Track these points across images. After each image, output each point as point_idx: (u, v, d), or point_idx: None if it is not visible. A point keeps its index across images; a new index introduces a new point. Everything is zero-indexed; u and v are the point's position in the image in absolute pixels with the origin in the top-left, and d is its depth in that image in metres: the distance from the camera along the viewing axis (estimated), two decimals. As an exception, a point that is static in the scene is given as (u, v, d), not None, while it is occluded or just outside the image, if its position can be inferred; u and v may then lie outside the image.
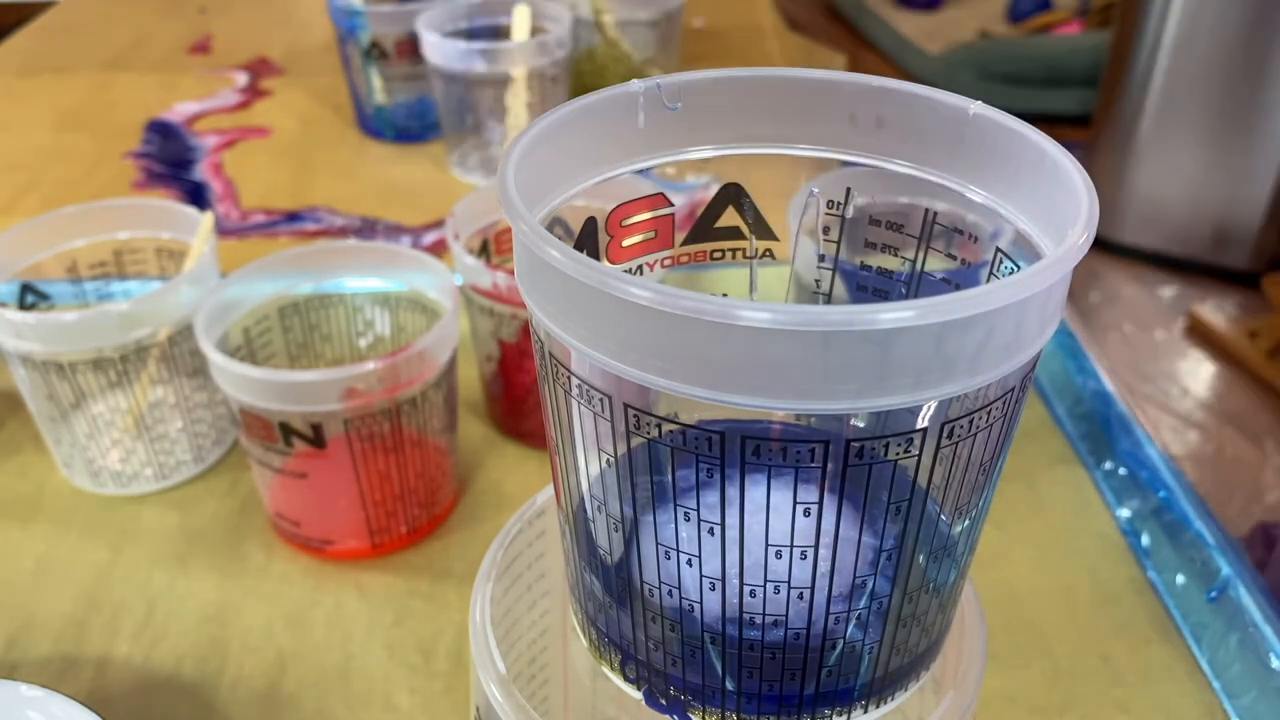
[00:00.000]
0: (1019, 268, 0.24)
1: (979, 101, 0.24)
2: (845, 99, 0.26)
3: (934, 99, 0.25)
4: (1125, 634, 0.41)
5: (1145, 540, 0.45)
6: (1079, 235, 0.20)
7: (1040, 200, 0.23)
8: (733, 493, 0.22)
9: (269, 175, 0.78)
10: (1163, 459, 0.47)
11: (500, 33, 0.74)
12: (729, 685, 0.25)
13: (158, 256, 0.50)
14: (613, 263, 0.27)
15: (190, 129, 0.84)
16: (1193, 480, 0.50)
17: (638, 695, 0.26)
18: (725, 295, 0.24)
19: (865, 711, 0.26)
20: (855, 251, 0.28)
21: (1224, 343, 1.60)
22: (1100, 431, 0.50)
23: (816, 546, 0.22)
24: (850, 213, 0.28)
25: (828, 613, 0.23)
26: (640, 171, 0.27)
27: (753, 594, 0.23)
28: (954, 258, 0.26)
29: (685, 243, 0.28)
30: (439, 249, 0.68)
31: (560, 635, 0.32)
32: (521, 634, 0.31)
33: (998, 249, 0.25)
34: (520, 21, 0.72)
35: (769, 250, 0.28)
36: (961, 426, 0.21)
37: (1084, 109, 2.05)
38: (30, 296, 0.48)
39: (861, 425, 0.22)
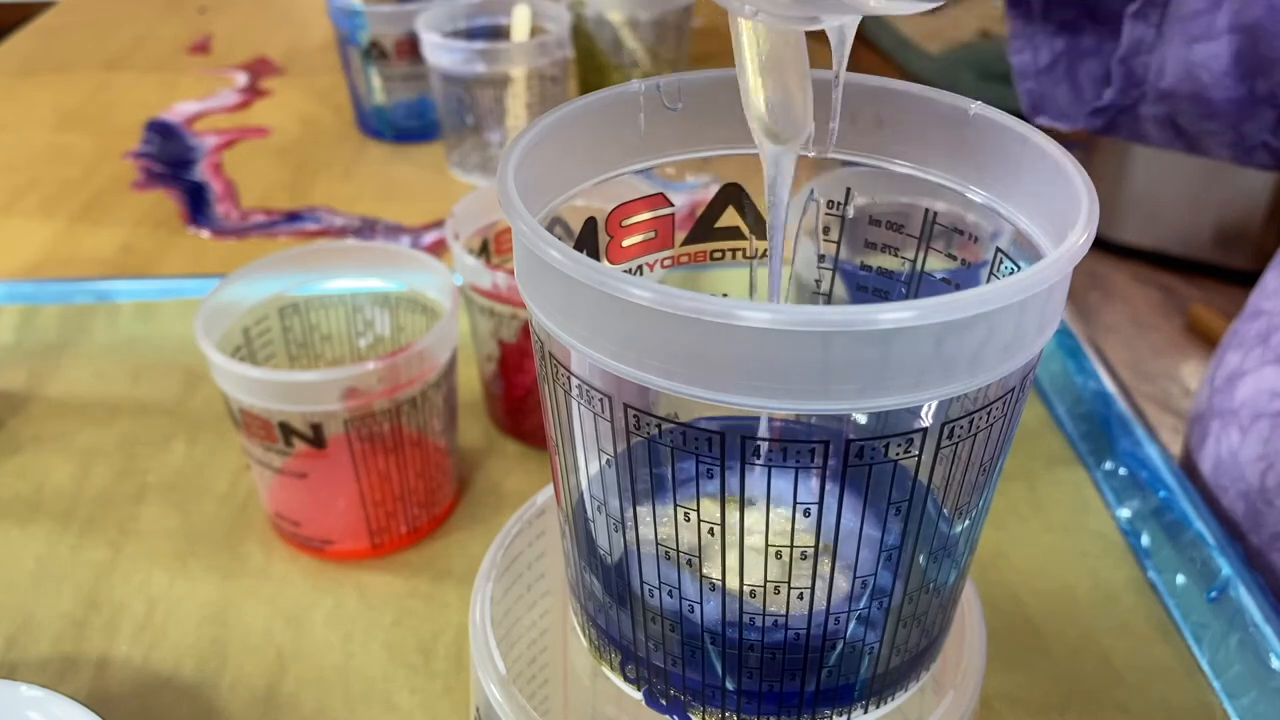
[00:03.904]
0: (1019, 268, 0.24)
1: (979, 101, 0.24)
2: (845, 99, 0.26)
3: (934, 99, 0.25)
4: (1125, 634, 0.41)
5: (1145, 540, 0.45)
6: (1079, 235, 0.20)
7: (1040, 200, 0.23)
8: (733, 492, 0.22)
9: (269, 175, 0.78)
10: (1163, 459, 0.47)
11: (500, 33, 0.74)
12: (729, 685, 0.25)
13: None
14: (613, 263, 0.27)
15: (190, 129, 0.84)
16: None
17: (638, 695, 0.26)
18: (725, 295, 0.24)
19: (865, 711, 0.26)
20: (855, 251, 0.28)
21: (1224, 342, 1.59)
22: (1100, 431, 0.50)
23: (816, 547, 0.22)
24: (850, 213, 0.28)
25: (828, 613, 0.23)
26: (640, 171, 0.27)
27: (753, 594, 0.23)
28: (954, 258, 0.26)
29: (685, 243, 0.28)
30: (439, 249, 0.68)
31: (560, 635, 0.32)
32: (521, 634, 0.31)
33: (998, 249, 0.25)
34: (520, 22, 0.72)
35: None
36: (962, 426, 0.21)
37: (1084, 109, 2.04)
38: None
39: (862, 425, 0.22)
